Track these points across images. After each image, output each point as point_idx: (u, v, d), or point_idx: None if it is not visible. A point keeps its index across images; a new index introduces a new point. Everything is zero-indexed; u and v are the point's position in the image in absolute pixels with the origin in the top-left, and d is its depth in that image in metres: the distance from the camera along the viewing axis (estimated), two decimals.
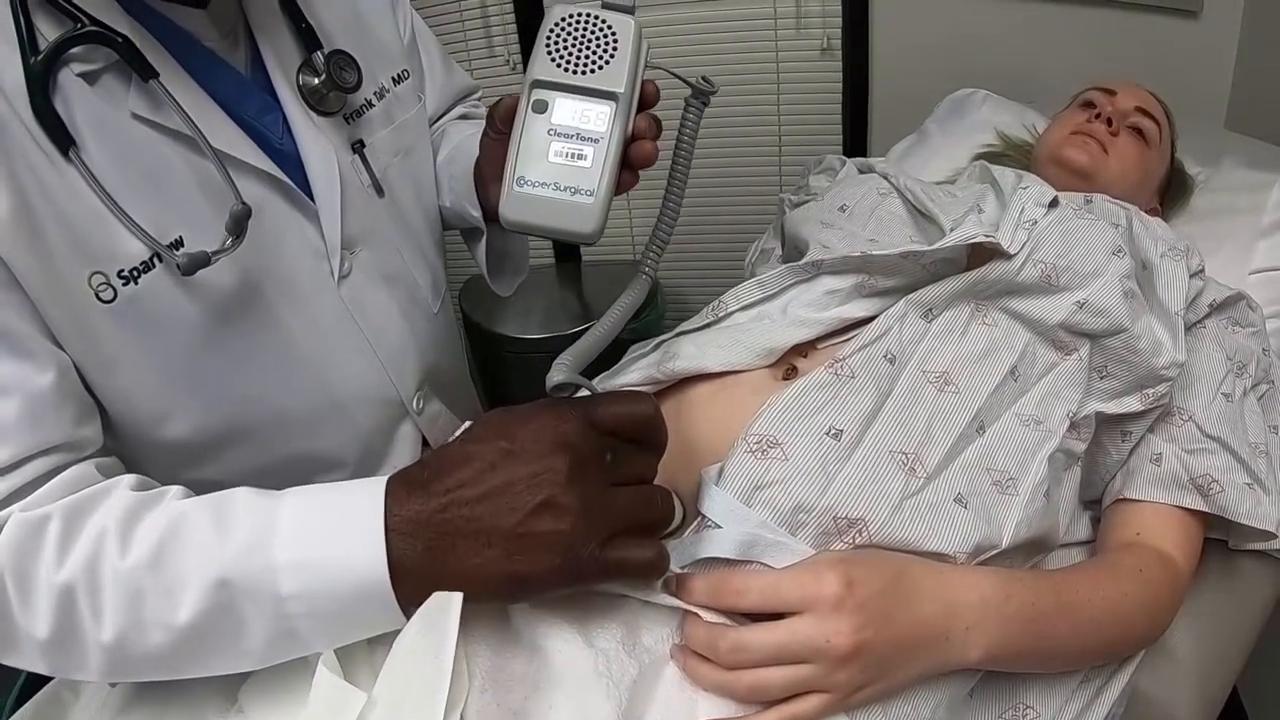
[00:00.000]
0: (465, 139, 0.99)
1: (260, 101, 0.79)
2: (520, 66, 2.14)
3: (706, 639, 0.60)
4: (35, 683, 0.80)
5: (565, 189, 0.62)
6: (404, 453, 0.96)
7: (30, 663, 0.63)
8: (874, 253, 0.80)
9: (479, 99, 1.15)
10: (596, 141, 0.62)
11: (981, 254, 0.85)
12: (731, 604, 0.61)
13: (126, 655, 0.61)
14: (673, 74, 0.69)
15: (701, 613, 0.61)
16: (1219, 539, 0.91)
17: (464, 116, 1.10)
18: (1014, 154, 1.36)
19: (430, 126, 1.04)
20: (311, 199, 0.80)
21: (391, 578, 0.57)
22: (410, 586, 0.57)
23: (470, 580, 0.57)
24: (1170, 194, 1.29)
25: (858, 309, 0.81)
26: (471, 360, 2.05)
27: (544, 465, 0.57)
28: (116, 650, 0.60)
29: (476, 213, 0.92)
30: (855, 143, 2.07)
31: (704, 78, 0.69)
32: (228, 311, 0.75)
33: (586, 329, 0.66)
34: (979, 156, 1.37)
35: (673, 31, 2.05)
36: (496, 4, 2.10)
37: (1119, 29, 1.93)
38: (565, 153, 0.62)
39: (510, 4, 2.09)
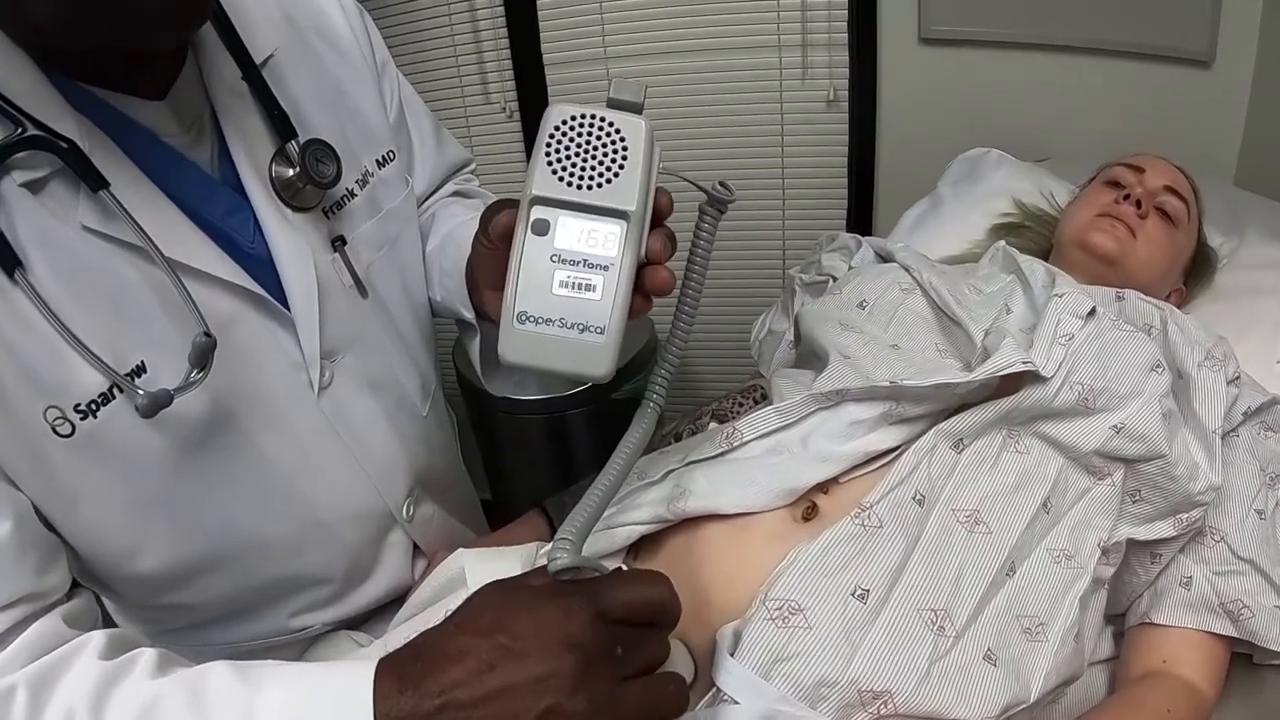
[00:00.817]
0: (457, 227, 0.92)
1: (228, 201, 0.72)
2: (518, 114, 2.08)
3: None
4: None
5: (573, 325, 0.55)
6: (394, 562, 0.91)
7: None
8: (905, 383, 0.74)
9: (473, 170, 1.07)
10: (606, 269, 0.55)
11: (1013, 376, 0.79)
12: None
13: None
14: (689, 181, 0.63)
15: None
16: (1243, 652, 0.85)
17: (457, 193, 1.03)
18: (1033, 225, 1.31)
19: (419, 207, 0.96)
20: (287, 307, 0.74)
21: None
22: None
23: None
24: (1195, 273, 1.23)
25: (883, 439, 0.75)
26: (467, 421, 1.99)
27: (549, 668, 0.50)
28: None
29: (469, 314, 0.86)
30: (861, 199, 2.03)
31: (721, 183, 0.62)
32: (197, 440, 0.69)
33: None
34: (997, 228, 1.31)
35: (673, 82, 1.99)
36: (493, 49, 2.05)
37: (1130, 79, 1.90)
38: (571, 283, 0.55)
39: (508, 50, 2.03)
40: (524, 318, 0.55)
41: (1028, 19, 1.86)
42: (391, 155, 0.87)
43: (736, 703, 0.59)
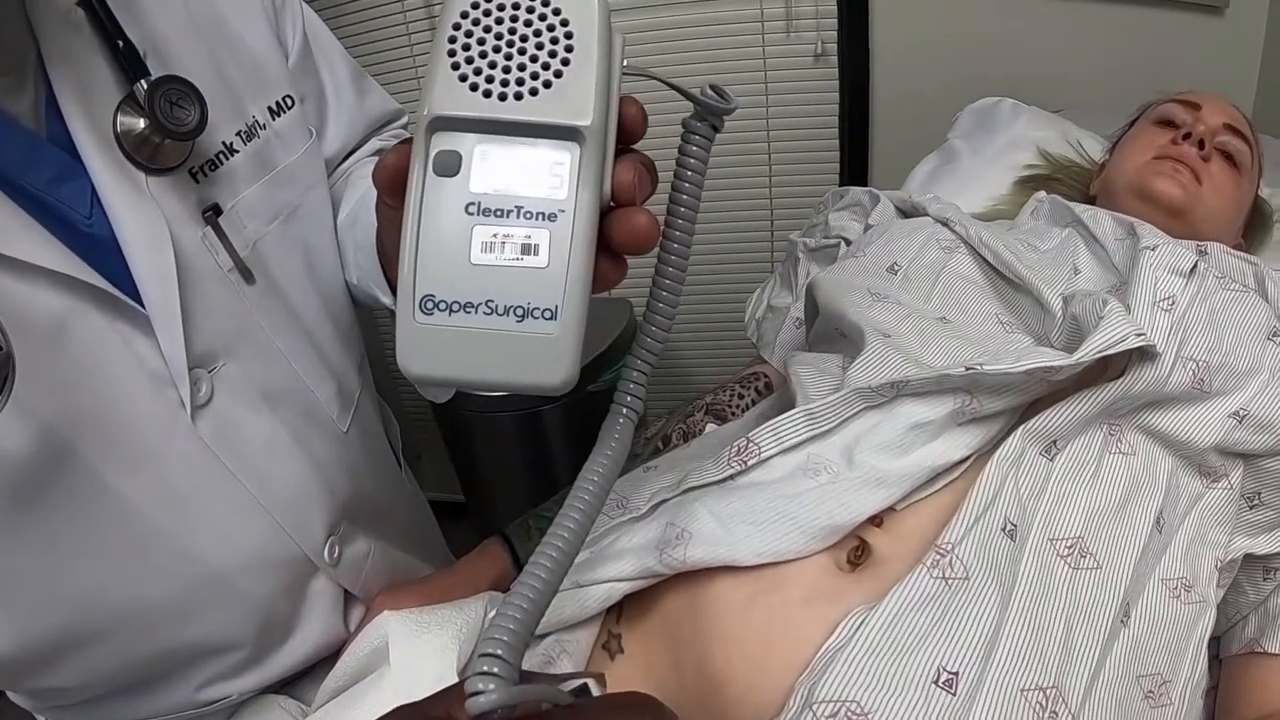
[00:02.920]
0: (369, 190, 0.71)
1: (56, 165, 0.52)
2: None
3: None
4: None
5: (508, 310, 0.34)
6: (319, 615, 0.71)
7: None
8: (988, 369, 0.53)
9: (405, 125, 0.86)
10: (553, 218, 0.35)
11: (1111, 361, 0.59)
12: None
13: None
14: (666, 83, 0.42)
15: None
16: None
17: (379, 153, 0.81)
18: (1064, 177, 1.11)
19: (331, 172, 0.76)
20: (140, 303, 0.54)
21: None
22: None
23: None
24: (1253, 225, 1.04)
25: (954, 448, 0.54)
26: (434, 421, 1.78)
27: None
28: None
29: (388, 299, 0.65)
30: (855, 161, 1.86)
31: (714, 87, 0.41)
32: (26, 487, 0.50)
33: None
34: (1024, 180, 1.12)
35: (644, 38, 1.80)
36: None
37: (1140, 26, 1.78)
38: (501, 243, 0.34)
39: None
40: (430, 305, 0.35)
41: None
42: (289, 102, 0.66)
43: None
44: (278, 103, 0.65)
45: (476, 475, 1.79)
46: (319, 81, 0.73)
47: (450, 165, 0.34)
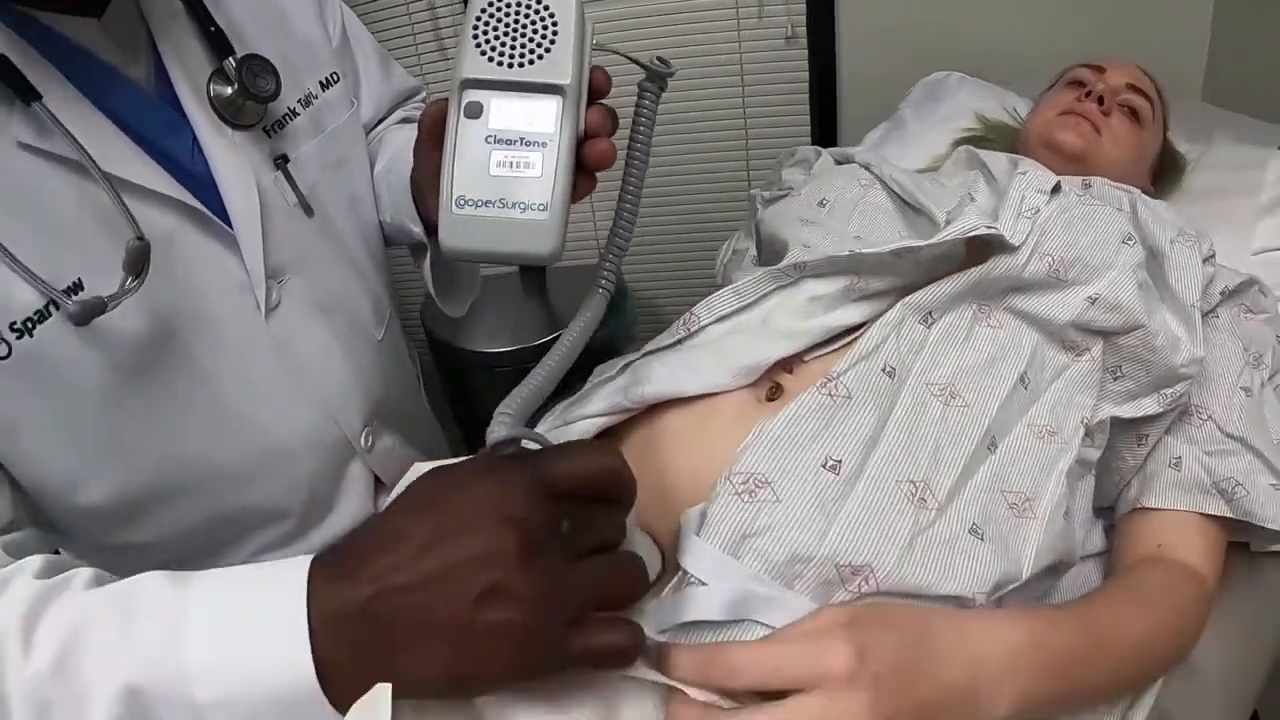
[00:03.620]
0: (403, 146, 0.90)
1: (166, 119, 0.71)
2: None
3: None
4: None
5: (514, 205, 0.53)
6: (356, 495, 0.88)
7: None
8: (864, 251, 0.71)
9: (424, 100, 1.05)
10: (544, 145, 0.53)
11: (979, 249, 0.77)
12: (724, 684, 0.52)
13: None
14: (624, 56, 0.60)
15: (690, 691, 0.52)
16: (1239, 541, 0.83)
17: (405, 121, 1.01)
18: (996, 138, 1.29)
19: (367, 135, 0.95)
20: (229, 225, 0.72)
21: (320, 679, 0.47)
22: (342, 686, 0.47)
23: (409, 679, 0.47)
24: (1163, 174, 1.23)
25: (848, 315, 0.72)
26: (438, 379, 1.95)
27: (488, 545, 0.47)
28: None
29: (418, 228, 0.83)
30: (825, 134, 2.01)
31: (659, 58, 0.59)
32: (137, 359, 0.67)
33: (550, 341, 0.57)
34: (960, 142, 1.30)
35: (625, 25, 1.97)
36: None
37: (1089, 4, 1.91)
38: (509, 162, 0.53)
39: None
40: (462, 202, 0.53)
41: None
42: (335, 77, 0.86)
43: (704, 584, 0.56)
44: (326, 78, 0.84)
45: (476, 430, 1.97)
46: (354, 62, 0.92)
47: (475, 110, 0.53)
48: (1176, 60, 1.88)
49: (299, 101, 0.80)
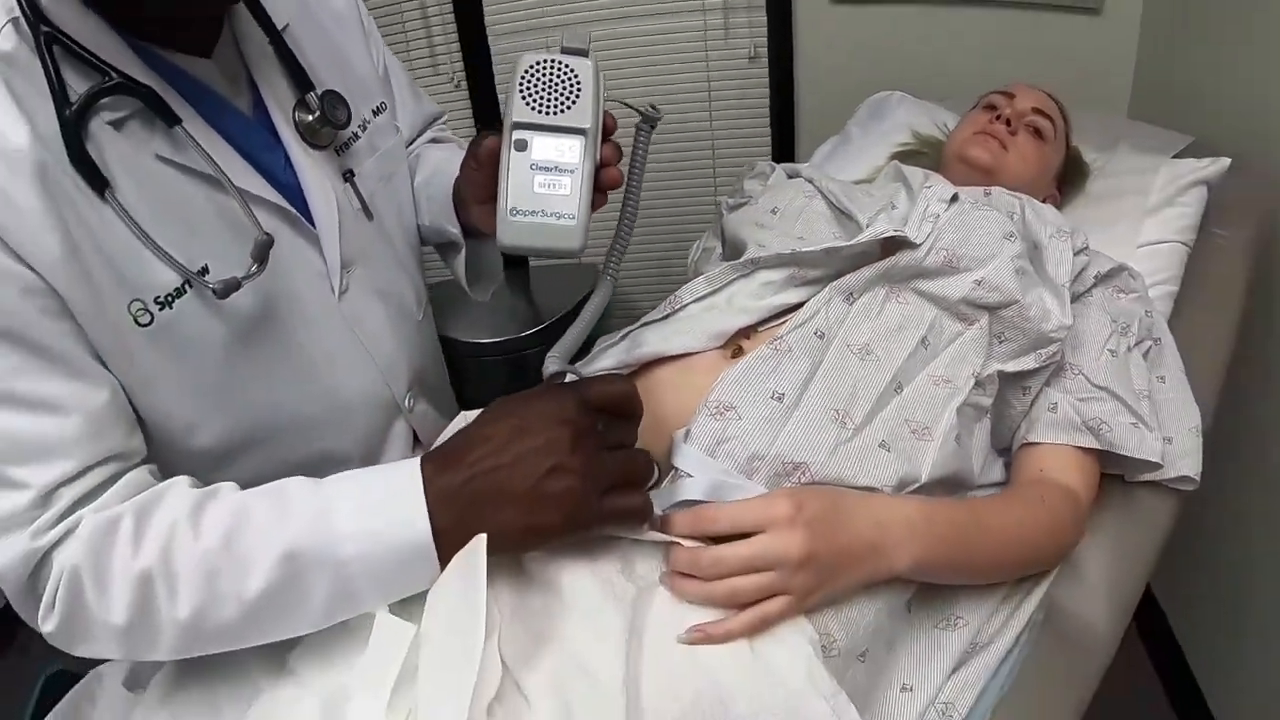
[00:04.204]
0: (442, 163, 1.13)
1: (264, 139, 0.91)
2: (464, 84, 2.32)
3: (690, 560, 0.76)
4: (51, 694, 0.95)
5: (551, 214, 0.77)
6: (398, 448, 1.09)
7: (104, 649, 0.75)
8: (802, 249, 0.99)
9: (444, 123, 1.29)
10: (572, 172, 0.77)
11: (893, 245, 1.03)
12: (707, 530, 0.78)
13: (199, 630, 0.73)
14: (626, 104, 0.86)
15: (683, 542, 0.78)
16: (1117, 475, 1.10)
17: (434, 140, 1.24)
18: (928, 151, 1.55)
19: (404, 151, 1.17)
20: (313, 225, 0.93)
21: (435, 541, 0.72)
22: (447, 545, 0.72)
23: (496, 535, 0.72)
24: (1068, 180, 1.49)
25: (791, 296, 0.99)
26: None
27: (550, 438, 0.72)
28: (191, 627, 0.72)
29: (455, 230, 1.07)
30: (784, 144, 2.26)
31: (652, 105, 0.86)
32: (248, 330, 0.87)
33: (546, 326, 0.82)
34: (896, 155, 1.56)
35: (609, 47, 2.22)
36: (440, 23, 2.27)
37: (1026, 28, 2.15)
38: (547, 184, 0.77)
39: (454, 23, 2.26)
40: (515, 212, 0.77)
41: None
42: (383, 106, 1.07)
43: (691, 475, 0.83)
44: (377, 106, 1.06)
45: (465, 404, 2.23)
46: (393, 93, 1.14)
47: (522, 145, 0.77)
48: (1105, 80, 2.18)
49: (359, 127, 1.01)
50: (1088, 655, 1.03)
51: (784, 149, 2.28)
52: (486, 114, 2.36)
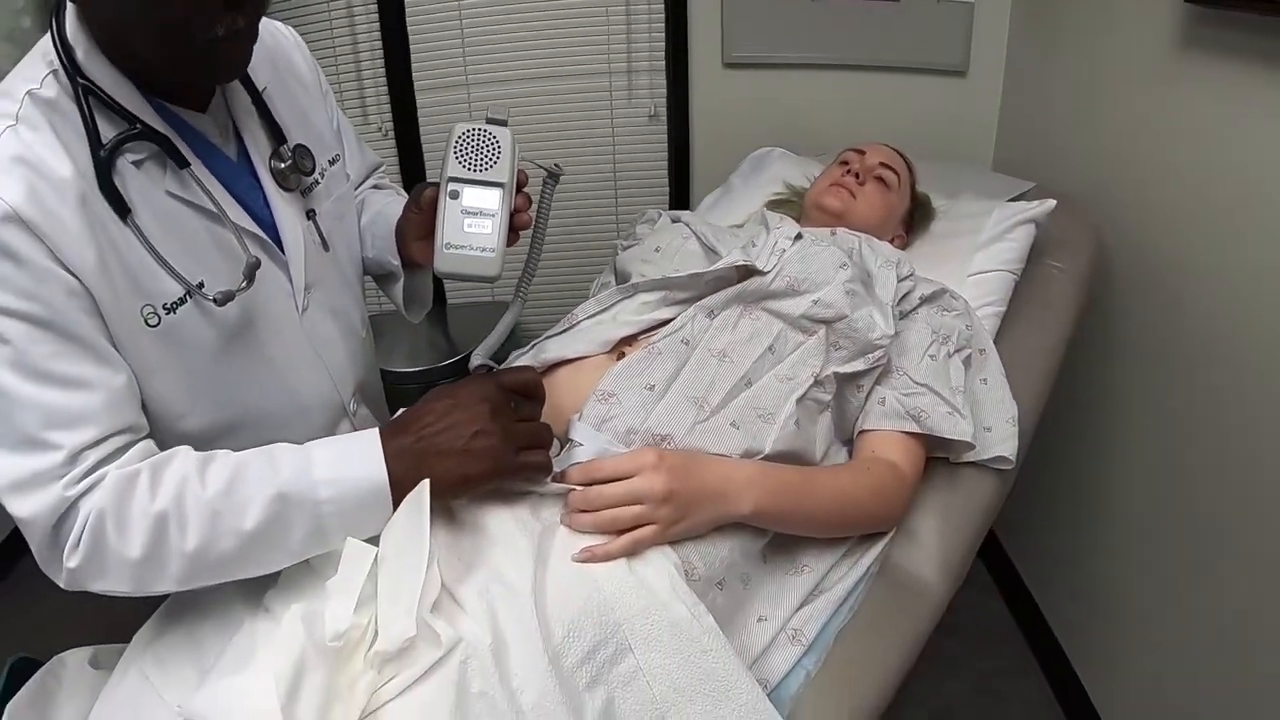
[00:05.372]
0: (384, 207, 1.41)
1: (247, 181, 1.13)
2: (391, 133, 2.61)
3: (582, 497, 1.06)
4: (16, 681, 1.10)
5: (477, 249, 1.07)
6: None
7: (116, 584, 0.96)
8: (671, 275, 1.31)
9: (383, 172, 1.57)
10: (493, 216, 1.07)
11: (748, 273, 1.37)
12: (594, 476, 1.07)
13: (203, 561, 0.95)
14: (535, 164, 1.17)
15: (577, 488, 1.08)
16: (947, 461, 1.41)
17: (376, 186, 1.51)
18: (796, 199, 1.89)
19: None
20: (283, 253, 1.15)
21: (390, 487, 0.99)
22: (399, 491, 0.99)
23: (436, 482, 0.99)
24: (915, 222, 1.84)
25: (664, 314, 1.31)
26: None
27: (475, 410, 1.02)
28: (196, 558, 0.95)
29: (396, 261, 1.34)
30: (680, 192, 2.57)
31: (555, 164, 1.17)
32: (231, 336, 1.09)
33: (460, 358, 1.12)
34: (770, 203, 1.90)
35: (523, 103, 2.52)
36: (371, 78, 2.56)
37: (901, 89, 2.48)
38: (473, 225, 1.07)
39: (384, 78, 2.56)
40: (448, 246, 1.07)
41: (811, 44, 2.44)
42: (337, 158, 1.29)
43: (581, 445, 1.13)
44: (332, 158, 1.30)
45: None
46: (343, 144, 1.39)
47: (455, 194, 1.07)
48: (971, 137, 2.52)
49: (319, 174, 1.22)
50: (917, 599, 1.32)
51: (680, 196, 2.58)
52: (410, 160, 2.63)
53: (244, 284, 1.07)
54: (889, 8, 2.38)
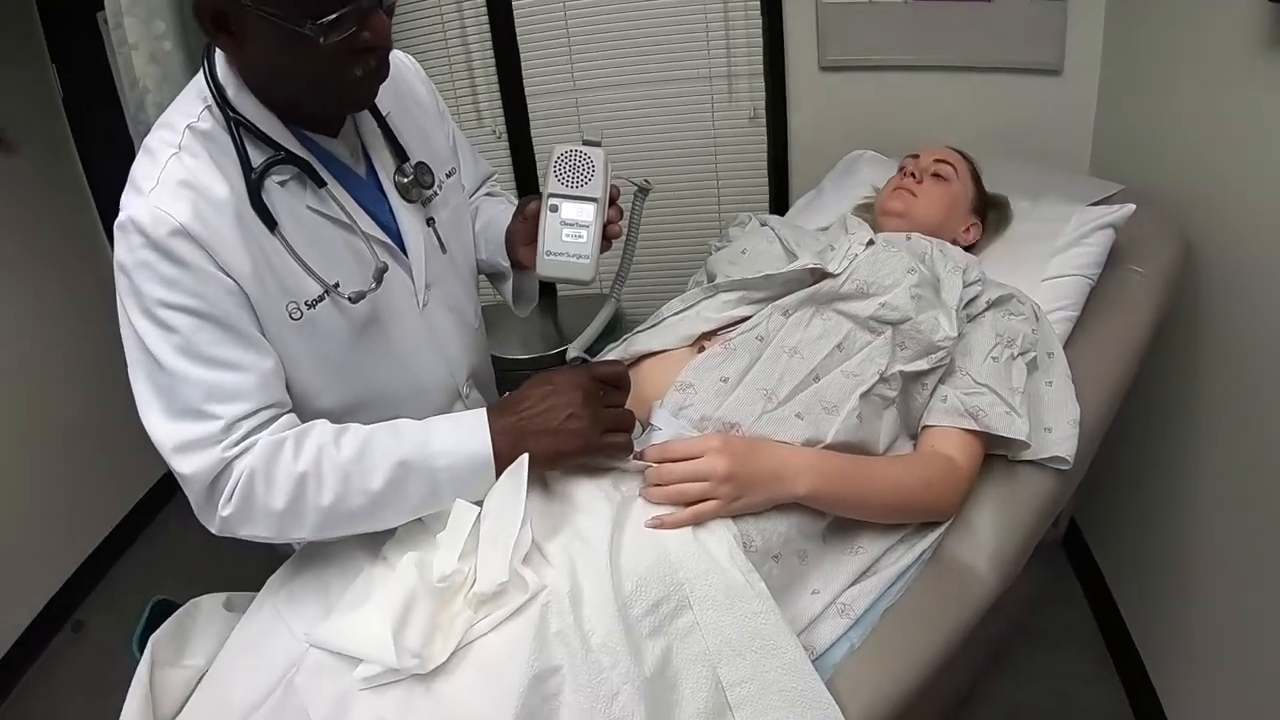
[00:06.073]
0: (496, 214, 1.59)
1: (374, 195, 1.31)
2: (505, 135, 2.80)
3: (655, 473, 1.23)
4: (156, 619, 1.30)
5: (573, 256, 1.24)
6: None
7: (261, 530, 1.13)
8: (749, 277, 1.46)
9: (495, 180, 1.75)
10: (588, 227, 1.23)
11: (821, 275, 1.50)
12: (667, 455, 1.23)
13: (335, 514, 1.13)
14: (629, 180, 1.32)
15: (653, 465, 1.24)
16: (1001, 454, 1.50)
17: (489, 194, 1.69)
18: None
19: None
20: (407, 257, 1.33)
21: (494, 459, 1.17)
22: (502, 463, 1.17)
23: (533, 456, 1.16)
24: (992, 220, 1.92)
25: (742, 312, 1.47)
26: None
27: (569, 397, 1.19)
28: (330, 512, 1.12)
29: (506, 263, 1.53)
30: (779, 194, 2.68)
31: (646, 180, 1.33)
32: (361, 329, 1.27)
33: (567, 347, 1.28)
34: (857, 208, 2.02)
35: (629, 108, 2.67)
36: (485, 83, 2.74)
37: (993, 89, 2.50)
38: (570, 235, 1.24)
39: (497, 83, 2.75)
40: (549, 253, 1.24)
41: (904, 46, 2.49)
42: (453, 171, 1.47)
43: (660, 429, 1.29)
44: (449, 171, 1.49)
45: None
46: (459, 158, 1.58)
47: (555, 208, 1.25)
48: (1067, 137, 2.50)
49: (438, 186, 1.40)
50: (967, 588, 1.41)
51: (779, 198, 2.69)
52: (521, 160, 2.82)
53: (374, 285, 1.25)
54: (982, 7, 2.40)
